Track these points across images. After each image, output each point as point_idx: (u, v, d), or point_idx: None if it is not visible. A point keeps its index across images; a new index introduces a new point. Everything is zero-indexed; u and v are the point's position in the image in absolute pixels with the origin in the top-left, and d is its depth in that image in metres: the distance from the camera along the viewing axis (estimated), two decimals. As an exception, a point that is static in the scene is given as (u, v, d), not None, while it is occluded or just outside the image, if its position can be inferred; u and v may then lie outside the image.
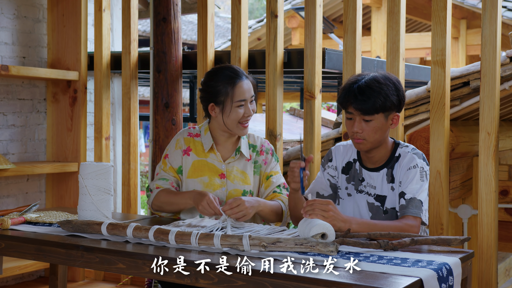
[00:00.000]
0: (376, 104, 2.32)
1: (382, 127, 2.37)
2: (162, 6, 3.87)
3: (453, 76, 3.22)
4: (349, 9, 3.32)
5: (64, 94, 4.30)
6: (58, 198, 4.32)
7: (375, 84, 2.33)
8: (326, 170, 2.57)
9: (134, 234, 2.17)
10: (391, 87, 2.35)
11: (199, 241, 2.04)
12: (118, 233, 2.21)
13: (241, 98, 2.64)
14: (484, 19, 2.99)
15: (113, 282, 4.26)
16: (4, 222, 2.42)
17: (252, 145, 2.80)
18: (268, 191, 2.76)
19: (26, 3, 4.26)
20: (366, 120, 2.35)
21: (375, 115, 2.34)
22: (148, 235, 2.14)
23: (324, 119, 5.64)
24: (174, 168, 2.71)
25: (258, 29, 9.86)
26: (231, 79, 2.65)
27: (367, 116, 2.34)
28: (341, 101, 2.40)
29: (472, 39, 9.36)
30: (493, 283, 2.97)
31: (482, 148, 3.00)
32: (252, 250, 1.98)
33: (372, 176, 2.46)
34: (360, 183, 2.49)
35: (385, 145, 2.45)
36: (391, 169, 2.43)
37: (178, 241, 2.08)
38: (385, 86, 2.34)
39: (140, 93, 12.39)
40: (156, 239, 2.12)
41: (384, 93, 2.33)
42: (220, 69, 2.70)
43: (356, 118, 2.36)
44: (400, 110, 2.43)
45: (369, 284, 1.65)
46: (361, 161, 2.51)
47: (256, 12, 22.02)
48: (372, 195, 2.46)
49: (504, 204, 4.41)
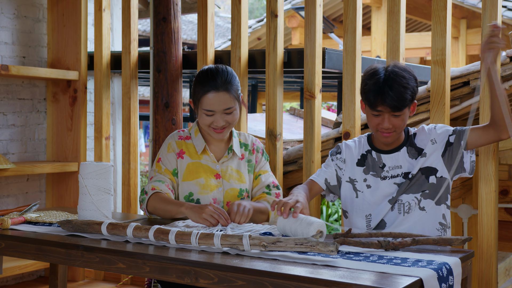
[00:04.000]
0: (406, 100, 2.39)
1: (406, 117, 2.46)
2: (162, 6, 3.87)
3: (453, 75, 3.22)
4: (349, 9, 3.32)
5: (64, 94, 4.30)
6: (58, 198, 4.32)
7: (402, 81, 2.39)
8: (335, 161, 2.59)
9: (134, 234, 2.17)
10: (412, 79, 2.43)
11: (199, 241, 2.04)
12: (118, 233, 2.21)
13: (208, 108, 2.61)
14: (484, 19, 2.99)
15: (113, 282, 4.26)
16: (4, 222, 2.42)
17: (244, 144, 2.80)
18: (256, 190, 2.76)
19: (26, 2, 4.26)
20: (396, 115, 2.41)
21: (404, 109, 2.41)
22: (148, 234, 2.14)
23: (324, 119, 5.63)
24: (169, 170, 2.69)
25: (258, 29, 9.87)
26: (205, 86, 2.61)
27: (398, 112, 2.40)
28: (371, 102, 2.40)
29: (472, 39, 9.36)
30: (493, 283, 2.97)
31: (482, 148, 3.00)
32: (252, 250, 1.98)
33: (394, 157, 2.50)
34: (381, 170, 2.50)
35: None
36: (411, 146, 2.50)
37: (178, 241, 2.08)
38: (409, 79, 2.41)
39: (140, 93, 12.39)
40: (156, 239, 2.12)
41: (411, 87, 2.40)
42: (207, 71, 2.65)
43: (385, 115, 2.41)
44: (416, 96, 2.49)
45: (369, 284, 1.65)
46: (377, 148, 2.54)
47: (256, 12, 22.03)
48: (400, 175, 2.48)
49: (504, 204, 4.41)
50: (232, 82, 2.64)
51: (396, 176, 2.48)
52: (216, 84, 2.60)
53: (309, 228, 2.10)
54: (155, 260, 1.98)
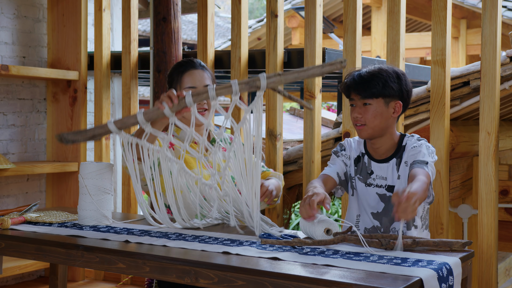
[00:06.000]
0: (374, 87, 2.38)
1: (383, 113, 2.41)
2: (162, 6, 3.87)
3: (453, 76, 3.22)
4: (349, 9, 3.32)
5: (64, 94, 4.30)
6: (58, 198, 4.32)
7: (375, 71, 2.41)
8: (341, 157, 2.59)
9: (146, 118, 2.19)
10: (391, 75, 2.41)
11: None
12: (127, 121, 2.22)
13: (189, 85, 2.62)
14: (484, 19, 2.99)
15: (113, 282, 4.26)
16: (4, 222, 2.42)
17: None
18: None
19: (26, 2, 4.26)
20: (366, 104, 2.40)
21: (374, 99, 2.39)
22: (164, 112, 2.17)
23: (324, 119, 5.64)
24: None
25: (258, 29, 9.87)
26: (183, 67, 2.66)
27: (367, 100, 2.40)
28: (343, 88, 2.46)
29: (472, 39, 9.37)
30: (493, 283, 2.98)
31: (482, 148, 3.00)
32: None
33: (382, 167, 2.48)
34: (368, 176, 2.50)
35: (390, 136, 2.48)
36: (399, 159, 2.46)
37: (195, 100, 2.15)
38: (385, 72, 2.40)
39: (140, 93, 12.39)
40: (172, 110, 2.16)
41: (383, 78, 2.39)
42: (181, 60, 2.74)
43: (357, 104, 2.43)
44: (404, 100, 2.45)
45: (369, 284, 1.65)
46: (369, 154, 2.53)
47: (256, 12, 22.03)
48: (383, 187, 2.47)
49: (504, 204, 4.41)
50: (207, 67, 2.73)
51: (380, 186, 2.48)
52: (194, 64, 2.67)
53: (315, 226, 2.11)
54: (155, 260, 1.98)
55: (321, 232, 2.10)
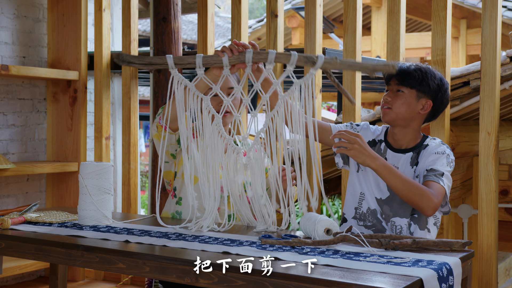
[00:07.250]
0: (412, 78, 2.44)
1: (411, 104, 2.46)
2: (162, 6, 3.87)
3: (453, 76, 3.22)
4: (349, 9, 3.32)
5: (64, 94, 4.30)
6: (58, 198, 4.32)
7: (422, 66, 2.48)
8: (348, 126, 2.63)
9: (203, 61, 2.29)
10: (434, 76, 2.47)
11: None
12: (185, 59, 2.32)
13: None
14: (484, 19, 2.99)
15: (113, 282, 4.26)
16: (4, 222, 2.42)
17: None
18: None
19: (26, 2, 4.26)
20: (399, 91, 2.46)
21: (408, 88, 2.45)
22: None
23: (324, 119, 5.64)
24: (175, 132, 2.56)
25: (258, 29, 9.86)
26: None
27: (401, 87, 2.46)
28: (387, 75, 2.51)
29: (472, 39, 9.36)
30: (493, 283, 2.98)
31: (482, 148, 3.00)
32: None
33: (397, 157, 2.50)
34: None
35: (413, 131, 2.51)
36: (417, 154, 2.48)
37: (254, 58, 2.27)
38: (430, 72, 2.47)
39: (140, 93, 12.39)
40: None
41: (425, 74, 2.45)
42: None
43: (392, 89, 2.49)
44: (435, 103, 2.48)
45: (369, 284, 1.65)
46: (388, 142, 2.55)
47: (256, 12, 22.02)
48: None
49: (504, 204, 4.41)
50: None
51: None
52: None
53: (315, 226, 2.11)
54: (155, 260, 1.98)
55: (321, 232, 2.10)
